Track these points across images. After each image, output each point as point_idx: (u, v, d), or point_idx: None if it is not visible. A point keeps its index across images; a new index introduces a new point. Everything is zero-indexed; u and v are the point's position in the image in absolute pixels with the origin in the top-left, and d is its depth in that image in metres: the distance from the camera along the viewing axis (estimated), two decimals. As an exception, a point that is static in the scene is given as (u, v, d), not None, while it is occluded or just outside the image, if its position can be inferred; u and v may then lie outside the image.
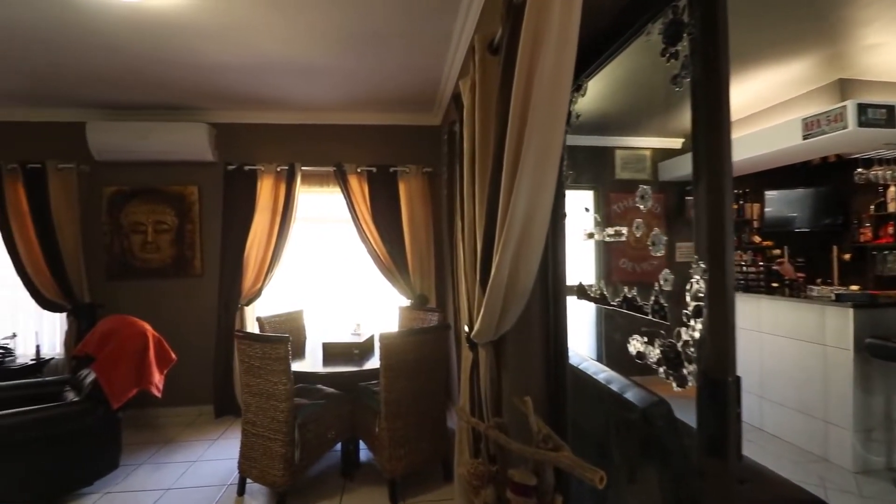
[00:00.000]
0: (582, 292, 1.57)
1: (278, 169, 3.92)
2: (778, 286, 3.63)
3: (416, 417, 2.57)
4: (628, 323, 1.45)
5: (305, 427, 2.52)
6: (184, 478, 2.86)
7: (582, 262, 2.18)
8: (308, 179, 4.01)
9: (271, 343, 2.42)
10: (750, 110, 4.20)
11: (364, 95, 3.62)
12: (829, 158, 4.62)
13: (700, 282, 0.92)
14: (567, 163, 1.66)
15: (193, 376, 3.88)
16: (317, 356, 3.02)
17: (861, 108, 3.13)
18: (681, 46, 1.00)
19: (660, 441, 1.48)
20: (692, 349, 0.96)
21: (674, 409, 1.55)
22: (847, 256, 4.66)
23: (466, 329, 1.89)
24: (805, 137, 3.49)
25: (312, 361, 2.92)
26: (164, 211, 3.96)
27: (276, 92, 3.51)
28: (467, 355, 1.89)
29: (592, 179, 3.40)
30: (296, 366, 2.68)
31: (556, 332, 1.72)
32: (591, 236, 1.51)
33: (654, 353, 1.07)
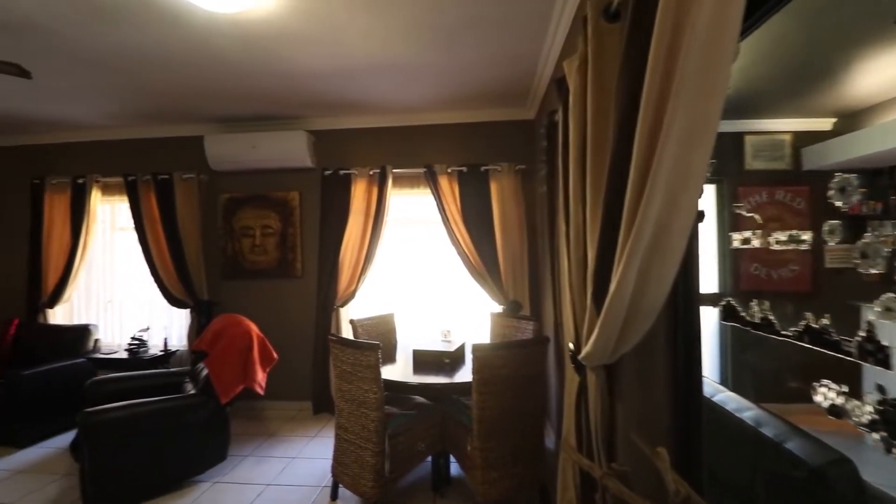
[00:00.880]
0: (730, 313, 1.24)
1: (370, 172, 3.95)
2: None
3: (512, 438, 2.36)
4: (795, 354, 1.11)
5: (396, 438, 2.44)
6: (283, 474, 2.95)
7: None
8: (399, 181, 3.99)
9: (362, 350, 2.37)
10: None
11: (453, 93, 3.49)
12: None
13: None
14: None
15: (294, 372, 4.07)
16: (407, 362, 2.95)
17: None
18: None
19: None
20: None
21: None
22: None
23: (571, 347, 1.65)
24: None
25: (403, 368, 2.85)
26: (270, 216, 4.20)
27: (366, 95, 3.52)
28: (572, 377, 1.64)
29: (716, 171, 2.91)
30: (386, 372, 2.62)
31: (688, 358, 1.40)
32: (747, 242, 1.18)
33: (865, 412, 0.76)
